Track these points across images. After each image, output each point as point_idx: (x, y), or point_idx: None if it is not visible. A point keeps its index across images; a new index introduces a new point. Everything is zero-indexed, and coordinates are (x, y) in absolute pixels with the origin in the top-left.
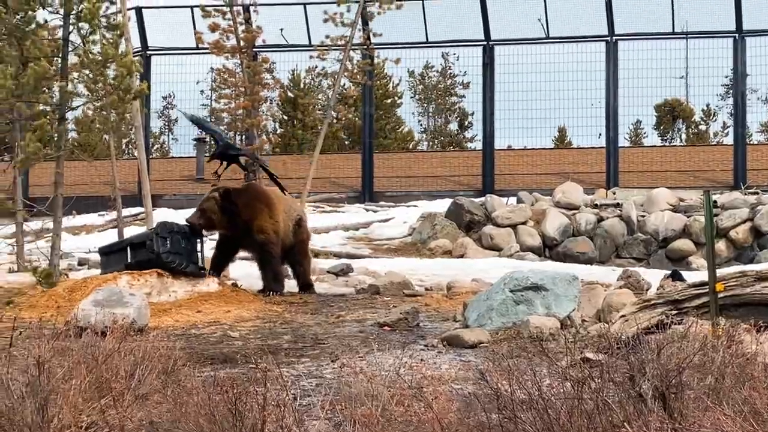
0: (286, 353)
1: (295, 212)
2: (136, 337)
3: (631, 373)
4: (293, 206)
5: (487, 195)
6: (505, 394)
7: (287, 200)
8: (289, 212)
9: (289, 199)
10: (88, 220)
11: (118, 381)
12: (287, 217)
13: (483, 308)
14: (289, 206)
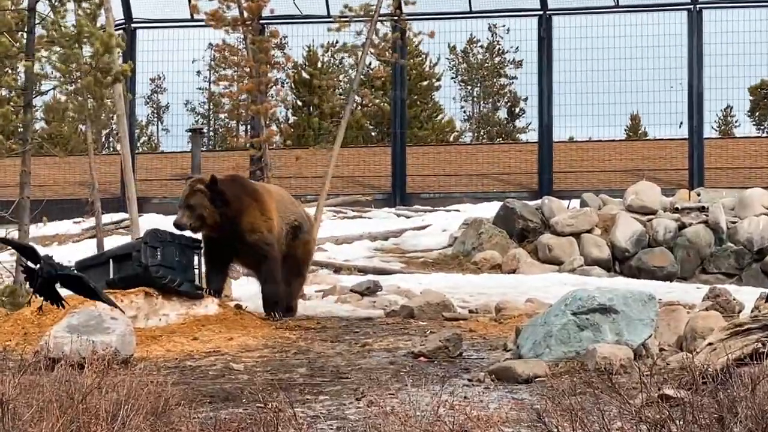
0: (301, 390)
1: (291, 215)
2: (120, 370)
3: (720, 414)
4: (290, 208)
5: (545, 197)
6: None
7: (282, 198)
8: (283, 213)
9: (286, 198)
10: (60, 228)
11: (98, 424)
12: (281, 219)
13: (540, 335)
14: (283, 206)
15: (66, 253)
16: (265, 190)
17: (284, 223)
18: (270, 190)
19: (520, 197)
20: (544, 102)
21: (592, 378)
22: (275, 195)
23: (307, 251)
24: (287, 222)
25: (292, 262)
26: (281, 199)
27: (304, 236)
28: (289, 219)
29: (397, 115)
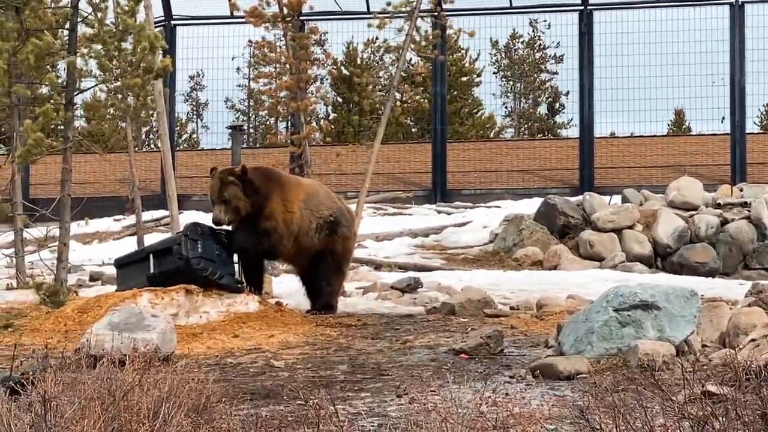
0: (342, 386)
1: (326, 210)
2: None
3: (764, 411)
4: (325, 203)
5: (586, 193)
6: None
7: (316, 192)
8: (315, 208)
9: (321, 193)
10: (101, 226)
11: (139, 421)
12: (310, 212)
13: (581, 331)
14: (317, 200)
15: (106, 251)
16: (293, 181)
17: (315, 217)
18: (300, 182)
19: (561, 193)
20: (585, 97)
21: (635, 374)
22: (306, 188)
23: (346, 247)
24: (320, 217)
25: (331, 259)
26: (314, 193)
27: (343, 232)
28: (323, 214)
29: (438, 111)
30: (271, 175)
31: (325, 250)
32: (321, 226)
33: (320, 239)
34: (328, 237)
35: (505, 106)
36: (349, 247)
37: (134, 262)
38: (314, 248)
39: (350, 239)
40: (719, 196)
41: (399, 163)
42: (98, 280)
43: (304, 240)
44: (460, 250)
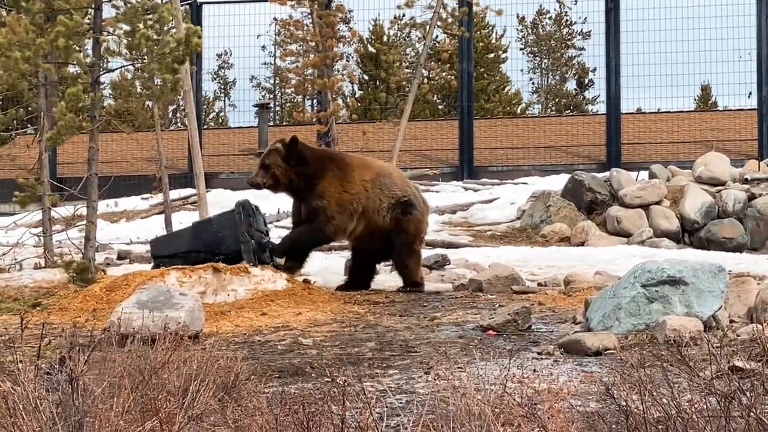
0: (370, 364)
1: (399, 191)
2: (189, 345)
3: None
4: (399, 184)
5: (613, 169)
6: (637, 412)
7: (388, 173)
8: (386, 187)
9: (395, 175)
10: (129, 205)
11: (168, 399)
12: (380, 192)
13: (609, 307)
14: (389, 181)
15: (133, 229)
16: (358, 162)
17: (387, 197)
18: (370, 163)
19: (588, 169)
20: (611, 73)
21: (662, 350)
22: (377, 169)
23: (418, 228)
24: (392, 197)
25: (404, 238)
26: (386, 174)
27: (416, 214)
28: (396, 194)
29: (464, 88)
30: (332, 155)
31: (397, 229)
32: (393, 206)
33: (392, 218)
34: (402, 216)
35: (532, 83)
36: (421, 228)
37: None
38: (386, 227)
39: (422, 222)
40: (746, 171)
41: (426, 141)
42: (126, 259)
43: (375, 218)
44: (487, 227)
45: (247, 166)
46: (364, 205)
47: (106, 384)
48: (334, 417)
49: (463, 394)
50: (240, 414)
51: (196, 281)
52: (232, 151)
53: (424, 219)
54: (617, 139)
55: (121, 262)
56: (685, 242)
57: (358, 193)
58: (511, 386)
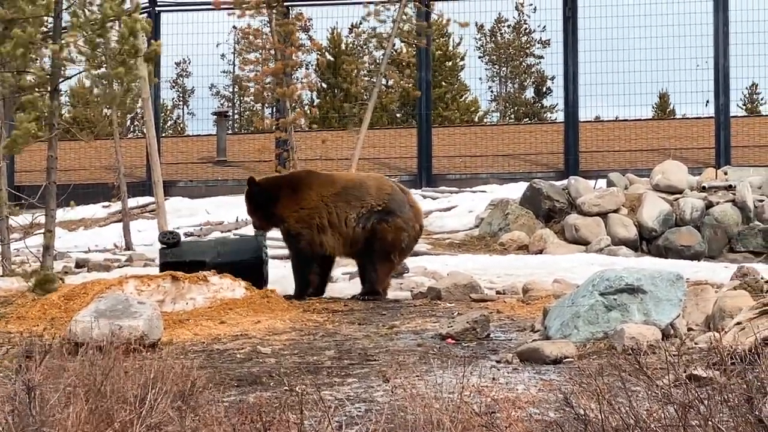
0: (329, 372)
1: (372, 200)
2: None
3: (749, 395)
4: (372, 192)
5: (571, 177)
6: (595, 421)
7: (356, 184)
8: (354, 198)
9: (366, 182)
10: (87, 213)
11: (125, 407)
12: (346, 204)
13: (567, 315)
14: (358, 191)
15: (92, 237)
16: (324, 180)
17: (355, 207)
18: (336, 179)
19: (546, 177)
20: (569, 81)
21: (620, 359)
22: (343, 183)
23: (397, 237)
24: (363, 206)
25: (379, 246)
26: (355, 186)
27: (396, 222)
28: (368, 204)
29: (423, 96)
30: (288, 179)
31: (373, 238)
32: (365, 216)
33: (367, 228)
34: (377, 225)
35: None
36: (400, 237)
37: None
38: (361, 237)
39: (403, 230)
40: (704, 179)
41: (384, 149)
42: (84, 267)
43: (344, 230)
44: (446, 235)
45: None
46: (328, 218)
47: (60, 393)
48: (292, 426)
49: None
50: (198, 423)
51: (155, 290)
52: (191, 159)
53: (408, 227)
54: (575, 147)
55: (79, 270)
56: (643, 250)
57: (317, 207)
58: (470, 395)
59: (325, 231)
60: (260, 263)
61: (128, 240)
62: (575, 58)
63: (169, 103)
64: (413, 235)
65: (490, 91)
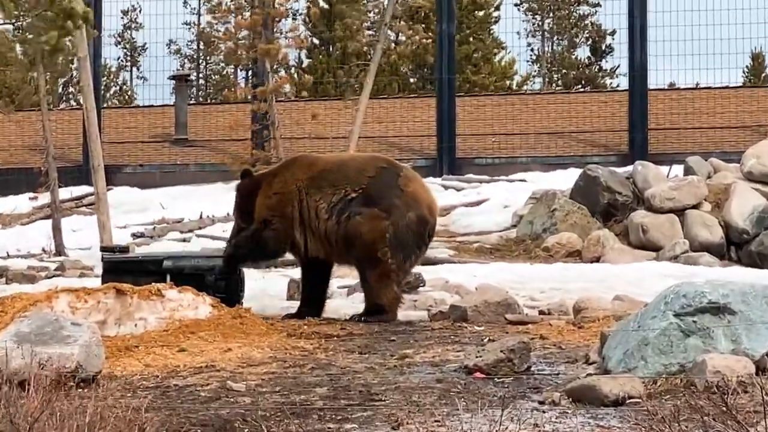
0: (321, 416)
1: (350, 185)
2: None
3: None
4: (351, 175)
5: (637, 163)
6: None
7: (336, 166)
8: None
9: (348, 165)
10: (5, 206)
11: None
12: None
13: (632, 343)
14: (335, 175)
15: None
16: (305, 161)
17: (327, 195)
18: (317, 160)
19: (605, 163)
20: (636, 38)
21: (701, 399)
22: (322, 165)
23: (375, 229)
24: (334, 194)
25: (360, 247)
26: (335, 168)
27: (372, 211)
28: (342, 190)
29: (444, 55)
30: (278, 164)
31: (351, 236)
32: (337, 205)
33: (341, 222)
34: (349, 222)
35: (531, 49)
36: (379, 228)
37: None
38: (335, 234)
39: (382, 220)
40: None
41: (394, 124)
42: (1, 277)
43: (315, 224)
44: (473, 237)
45: (160, 157)
46: (299, 208)
47: None
48: None
49: None
50: None
51: (94, 307)
52: (141, 137)
53: (393, 215)
54: (643, 124)
55: None
56: (731, 258)
57: (290, 193)
58: None
59: (301, 227)
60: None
61: (59, 242)
62: (644, 6)
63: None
64: (409, 224)
65: (530, 49)
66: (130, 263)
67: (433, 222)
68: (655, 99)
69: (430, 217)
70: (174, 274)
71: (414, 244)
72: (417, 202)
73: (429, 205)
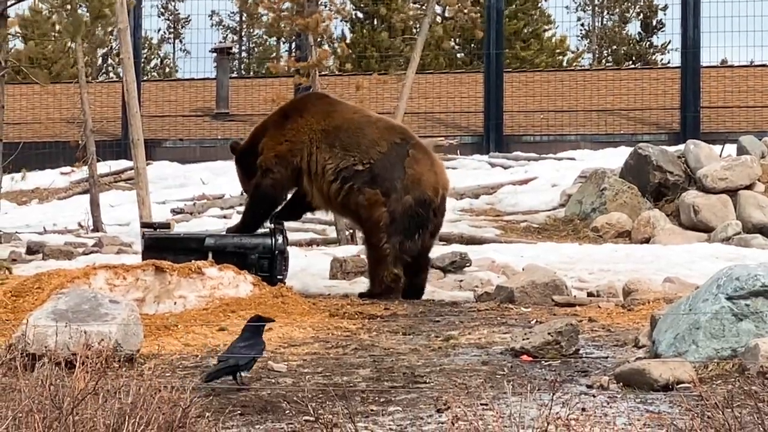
0: (363, 398)
1: (359, 153)
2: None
3: None
4: (364, 143)
5: (689, 141)
6: None
7: (352, 125)
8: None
9: (365, 129)
10: (42, 181)
11: None
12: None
13: (683, 326)
14: (348, 135)
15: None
16: (323, 108)
17: (336, 157)
18: (335, 110)
19: (656, 141)
20: (689, 13)
21: (755, 384)
22: (338, 118)
23: (373, 214)
24: (342, 158)
25: (360, 227)
26: (349, 127)
27: (371, 195)
28: (351, 159)
29: (492, 29)
30: (283, 106)
31: (350, 211)
32: (343, 172)
33: (341, 193)
34: (351, 194)
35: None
36: (376, 215)
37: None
38: (335, 197)
39: (381, 205)
40: None
41: (440, 100)
42: (38, 253)
43: (320, 181)
44: (520, 217)
45: (201, 132)
46: (309, 161)
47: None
48: None
49: None
50: None
51: (132, 284)
52: (182, 111)
53: (393, 200)
54: (695, 101)
55: (31, 257)
56: None
57: (301, 143)
58: (554, 431)
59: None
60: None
61: (97, 218)
62: None
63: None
64: (406, 209)
65: (580, 24)
66: (171, 240)
67: (438, 202)
68: (708, 76)
69: (434, 198)
70: (216, 252)
71: (415, 225)
72: (419, 184)
73: (434, 185)
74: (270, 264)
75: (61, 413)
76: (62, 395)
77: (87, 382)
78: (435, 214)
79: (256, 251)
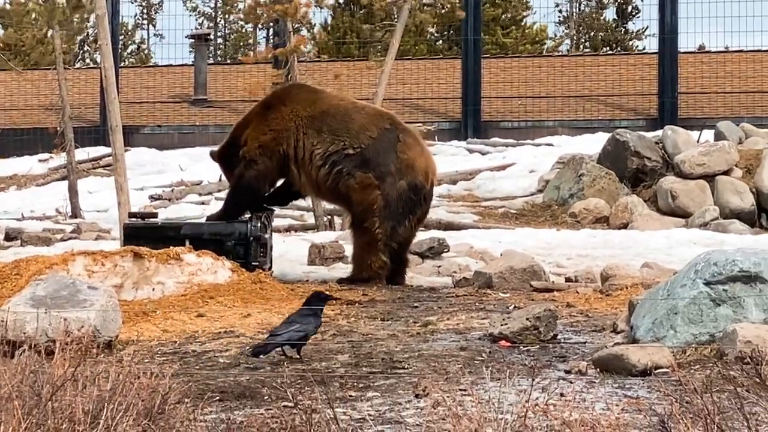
0: (343, 384)
1: (348, 138)
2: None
3: None
4: (353, 129)
5: (667, 127)
6: None
7: (339, 111)
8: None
9: (352, 116)
10: (20, 167)
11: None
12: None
13: (661, 312)
14: (336, 121)
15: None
16: (308, 97)
17: (325, 142)
18: (321, 98)
19: (634, 127)
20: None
21: (733, 369)
22: (325, 105)
23: (366, 199)
24: (332, 143)
25: (351, 211)
26: (336, 113)
27: (363, 178)
28: (341, 144)
29: (470, 15)
30: (266, 97)
31: (341, 195)
32: (332, 156)
33: (330, 178)
34: (341, 178)
35: (559, 10)
36: (370, 198)
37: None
38: (324, 183)
39: (375, 188)
40: None
41: (419, 86)
42: (16, 240)
43: (308, 167)
44: (498, 202)
45: (179, 118)
46: (294, 147)
47: None
48: None
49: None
50: None
51: (111, 270)
52: (160, 98)
53: (387, 183)
54: (673, 87)
55: (9, 243)
56: (762, 225)
57: (287, 131)
58: (532, 417)
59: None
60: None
61: (75, 204)
62: None
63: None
64: (401, 194)
65: (557, 11)
66: (150, 229)
67: (428, 188)
68: (686, 62)
69: (425, 183)
70: (193, 239)
71: (406, 211)
72: (412, 169)
73: (425, 170)
74: (245, 250)
75: (40, 400)
76: (41, 382)
77: (66, 369)
78: (425, 200)
79: (231, 238)
